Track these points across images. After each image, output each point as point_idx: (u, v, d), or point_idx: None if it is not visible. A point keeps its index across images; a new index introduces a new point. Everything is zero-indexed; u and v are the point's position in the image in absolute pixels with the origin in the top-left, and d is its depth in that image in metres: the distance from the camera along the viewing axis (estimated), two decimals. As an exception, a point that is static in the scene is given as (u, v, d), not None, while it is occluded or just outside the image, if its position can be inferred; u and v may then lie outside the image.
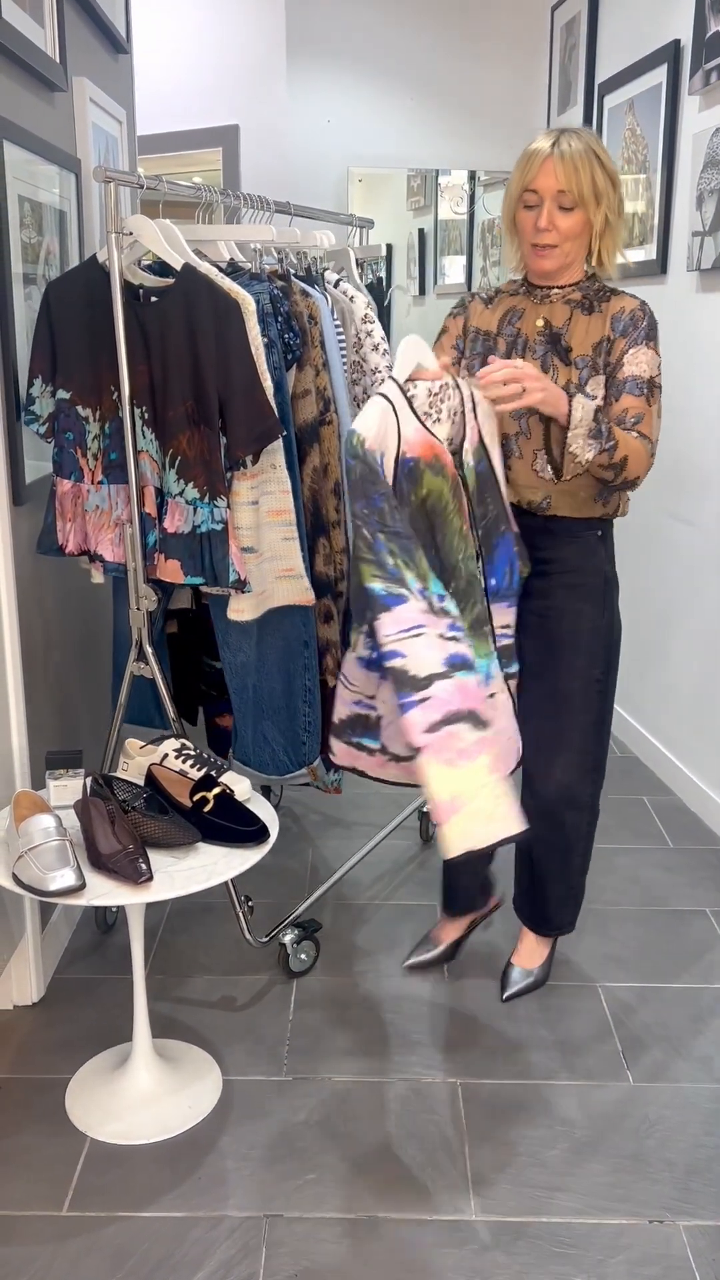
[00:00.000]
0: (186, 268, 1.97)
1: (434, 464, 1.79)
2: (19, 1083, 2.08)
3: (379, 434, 1.73)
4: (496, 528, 1.94)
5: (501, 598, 1.98)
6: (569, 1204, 1.80)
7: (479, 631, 1.90)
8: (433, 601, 1.76)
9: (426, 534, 1.82)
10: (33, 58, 2.14)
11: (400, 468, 1.77)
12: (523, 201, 1.93)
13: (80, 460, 2.11)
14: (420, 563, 1.75)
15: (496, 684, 1.94)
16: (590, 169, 1.87)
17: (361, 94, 4.39)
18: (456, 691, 1.73)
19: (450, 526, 1.84)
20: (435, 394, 1.83)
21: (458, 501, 1.84)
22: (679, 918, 2.65)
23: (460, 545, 1.85)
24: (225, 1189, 1.83)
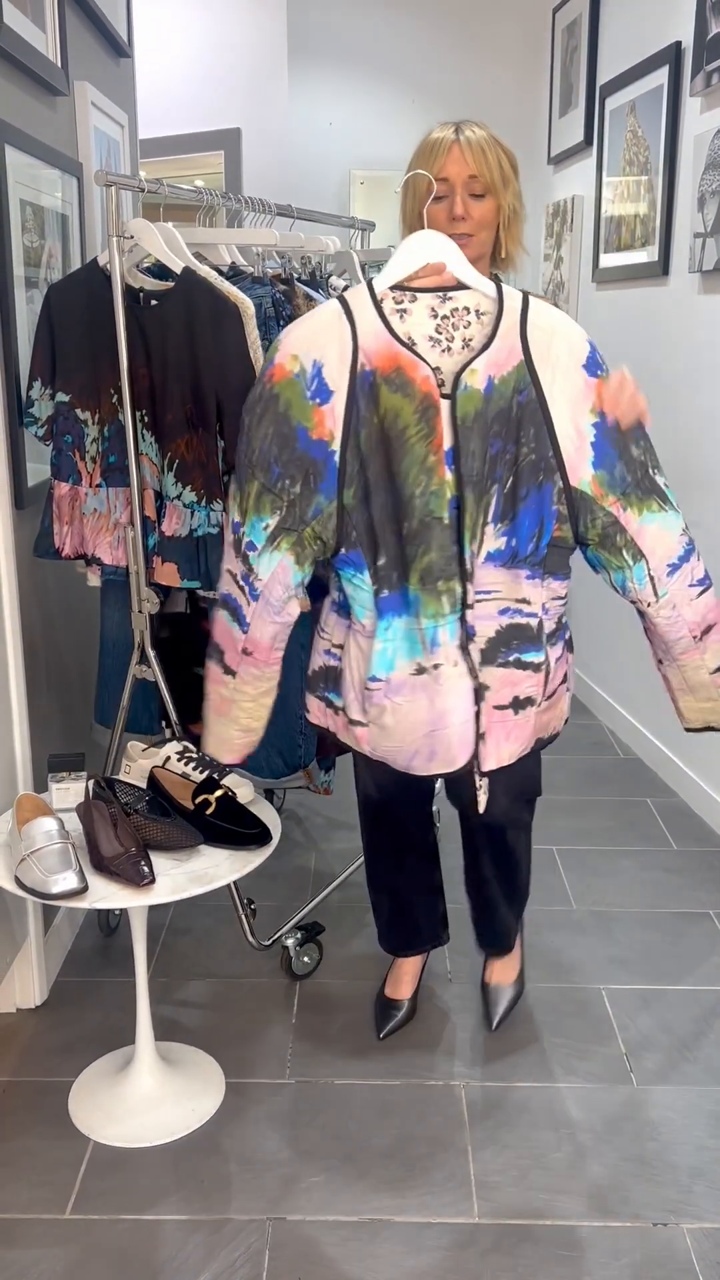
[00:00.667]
0: (186, 271, 1.97)
1: (394, 378, 1.58)
2: (22, 1086, 2.08)
3: (307, 340, 1.59)
4: (533, 476, 1.64)
5: (520, 564, 1.69)
6: (572, 1207, 1.80)
7: (429, 586, 1.65)
8: (241, 541, 1.69)
9: (383, 462, 1.62)
10: (34, 62, 2.15)
11: (358, 382, 1.59)
12: (431, 194, 1.79)
13: (78, 463, 2.11)
14: (249, 497, 1.65)
15: (441, 654, 1.69)
16: (496, 153, 1.78)
17: (363, 97, 4.40)
18: (217, 623, 1.76)
19: (410, 454, 1.61)
20: (448, 318, 1.63)
21: (426, 426, 1.59)
22: (683, 920, 2.65)
23: (420, 478, 1.61)
24: (228, 1192, 1.83)
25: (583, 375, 1.64)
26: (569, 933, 2.59)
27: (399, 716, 1.72)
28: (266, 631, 1.75)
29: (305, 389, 1.59)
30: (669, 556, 1.71)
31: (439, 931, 2.25)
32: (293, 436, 1.61)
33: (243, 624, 1.73)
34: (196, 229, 2.30)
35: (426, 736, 1.73)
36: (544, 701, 1.79)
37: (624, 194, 3.56)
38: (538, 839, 2.99)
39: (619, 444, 1.65)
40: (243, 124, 4.41)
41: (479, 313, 1.64)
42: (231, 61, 4.38)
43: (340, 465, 1.62)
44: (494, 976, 2.28)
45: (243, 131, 4.42)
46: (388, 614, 1.69)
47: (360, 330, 1.58)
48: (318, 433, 1.61)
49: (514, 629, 1.71)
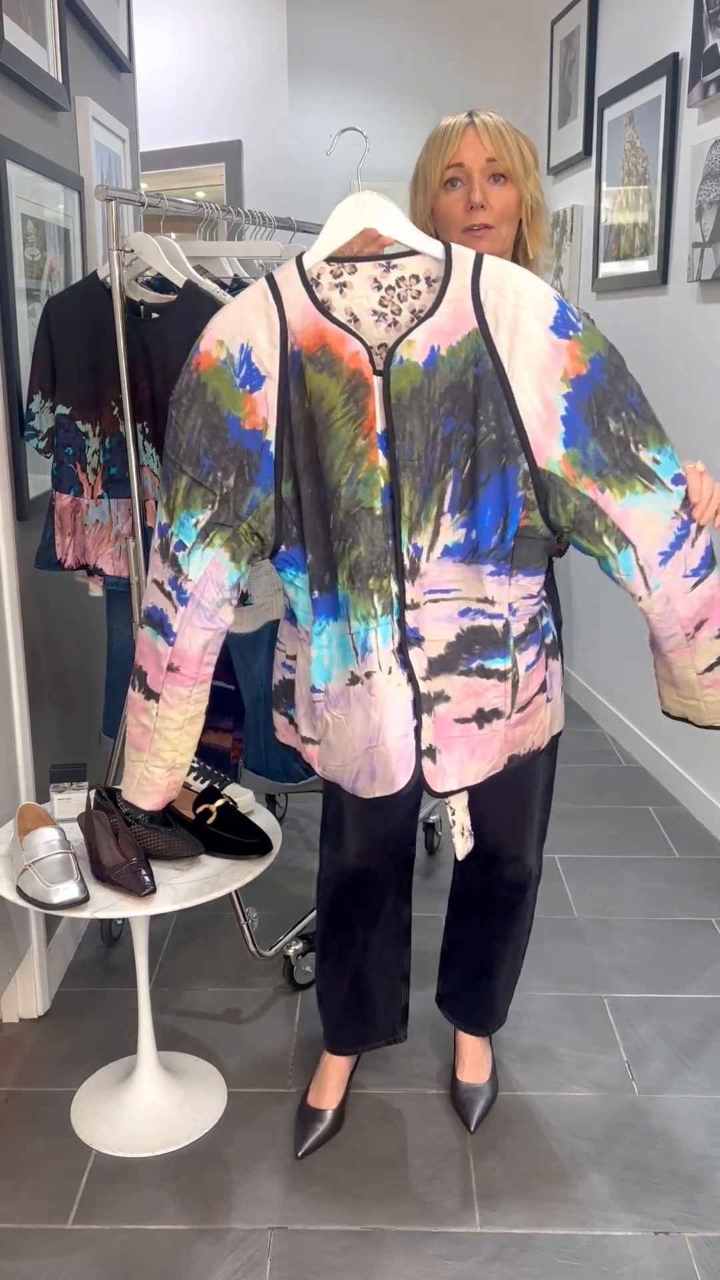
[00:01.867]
0: (188, 284, 1.98)
1: (319, 356, 1.39)
2: (24, 1096, 2.08)
3: (233, 324, 1.43)
4: (495, 459, 1.41)
5: (482, 559, 1.46)
6: (574, 1216, 1.80)
7: (358, 585, 1.45)
8: (169, 543, 1.51)
9: (311, 450, 1.44)
10: (35, 78, 2.16)
11: (289, 365, 1.42)
12: (444, 182, 1.63)
13: (80, 475, 2.12)
14: (177, 494, 1.48)
15: (372, 660, 1.48)
16: (515, 138, 1.62)
17: (363, 108, 4.42)
18: (140, 642, 1.59)
19: (335, 439, 1.41)
20: (393, 288, 1.44)
21: (355, 407, 1.39)
22: (685, 928, 2.65)
23: (346, 465, 1.41)
24: (230, 1201, 1.83)
25: (549, 339, 1.39)
26: (571, 941, 2.59)
27: (339, 731, 1.55)
28: (196, 640, 1.54)
29: (234, 376, 1.43)
30: (659, 544, 1.48)
31: (397, 1027, 2.01)
32: (223, 427, 1.44)
33: (169, 634, 1.54)
34: (198, 242, 2.32)
35: (365, 754, 1.54)
36: (514, 714, 1.57)
37: (623, 204, 3.58)
38: (539, 847, 3.00)
39: (594, 417, 1.41)
40: (243, 136, 4.44)
41: (429, 280, 1.44)
42: (232, 74, 4.40)
43: (276, 456, 1.45)
44: (466, 1074, 2.05)
45: (243, 144, 4.44)
46: (322, 617, 1.51)
47: (288, 309, 1.41)
48: (250, 422, 1.44)
49: (476, 632, 1.50)
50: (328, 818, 1.86)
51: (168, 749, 1.62)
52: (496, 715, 1.54)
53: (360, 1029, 1.98)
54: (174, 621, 1.53)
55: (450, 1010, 2.06)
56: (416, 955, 2.19)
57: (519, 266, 1.42)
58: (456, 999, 2.05)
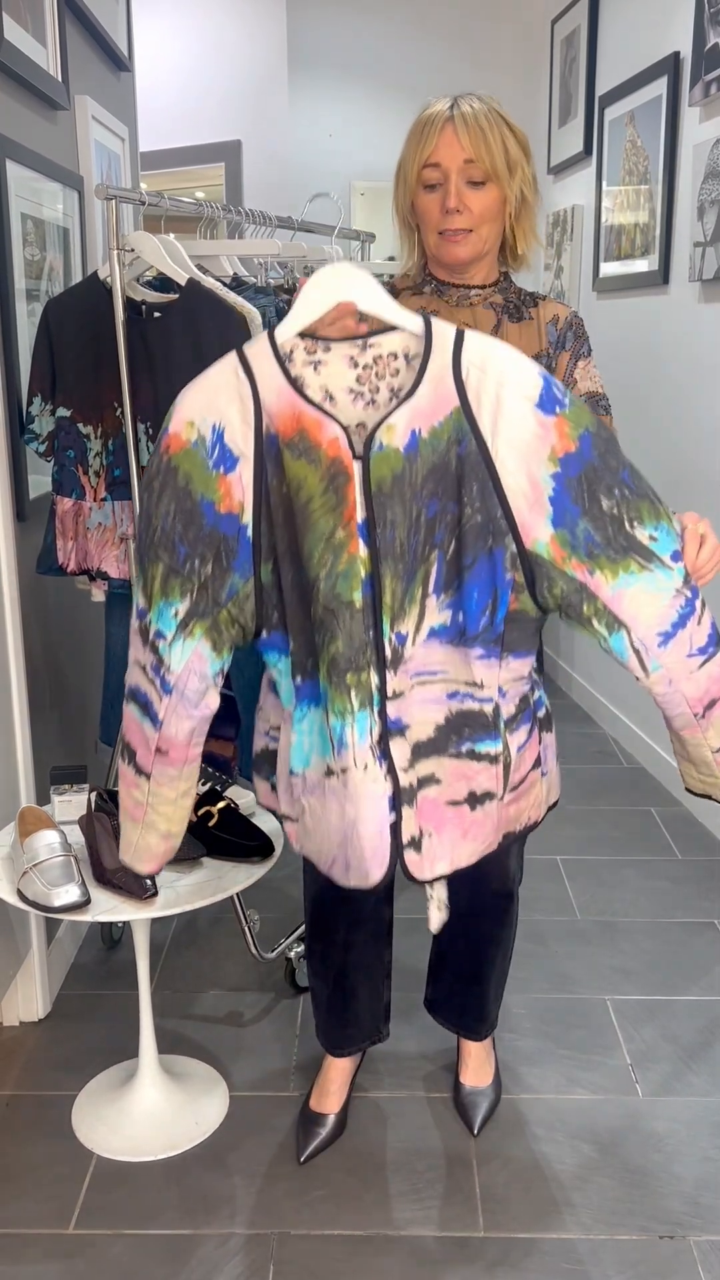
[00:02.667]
0: (191, 282, 1.98)
1: (297, 443, 1.33)
2: (24, 1099, 2.07)
3: (204, 404, 1.36)
4: (481, 540, 1.36)
5: (470, 642, 1.41)
6: (578, 1219, 1.79)
7: (335, 680, 1.39)
8: (148, 629, 1.45)
9: (290, 535, 1.38)
10: (35, 77, 2.15)
11: (264, 447, 1.36)
12: (422, 181, 1.58)
13: (82, 478, 2.11)
14: (154, 580, 1.42)
15: (348, 756, 1.42)
16: (500, 133, 1.54)
17: (363, 108, 4.41)
18: (127, 717, 1.54)
19: (315, 530, 1.35)
20: (370, 366, 1.38)
21: (335, 497, 1.33)
22: (688, 930, 2.64)
23: (325, 557, 1.35)
24: (232, 1206, 1.82)
25: (536, 416, 1.32)
26: (573, 942, 2.58)
27: (314, 819, 1.51)
28: (182, 728, 1.49)
29: (206, 458, 1.36)
30: (659, 624, 1.39)
31: (380, 1025, 2.01)
32: (197, 512, 1.38)
33: (155, 720, 1.49)
34: (198, 241, 2.31)
35: (339, 845, 1.50)
36: (508, 794, 1.51)
37: (624, 203, 3.57)
38: (542, 849, 2.99)
39: (585, 497, 1.34)
40: (243, 136, 4.43)
41: (408, 356, 1.37)
42: (232, 74, 4.40)
43: (254, 539, 1.39)
44: (469, 1077, 2.05)
45: (243, 144, 4.44)
46: (304, 703, 1.47)
47: (261, 387, 1.34)
48: (225, 505, 1.37)
49: (464, 715, 1.44)
50: None
51: (162, 822, 1.59)
52: (489, 797, 1.49)
53: (344, 1029, 1.97)
54: (159, 709, 1.48)
55: (444, 1016, 2.06)
56: (414, 955, 2.19)
57: (501, 341, 1.35)
58: (448, 1005, 2.04)
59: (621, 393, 3.41)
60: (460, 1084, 2.05)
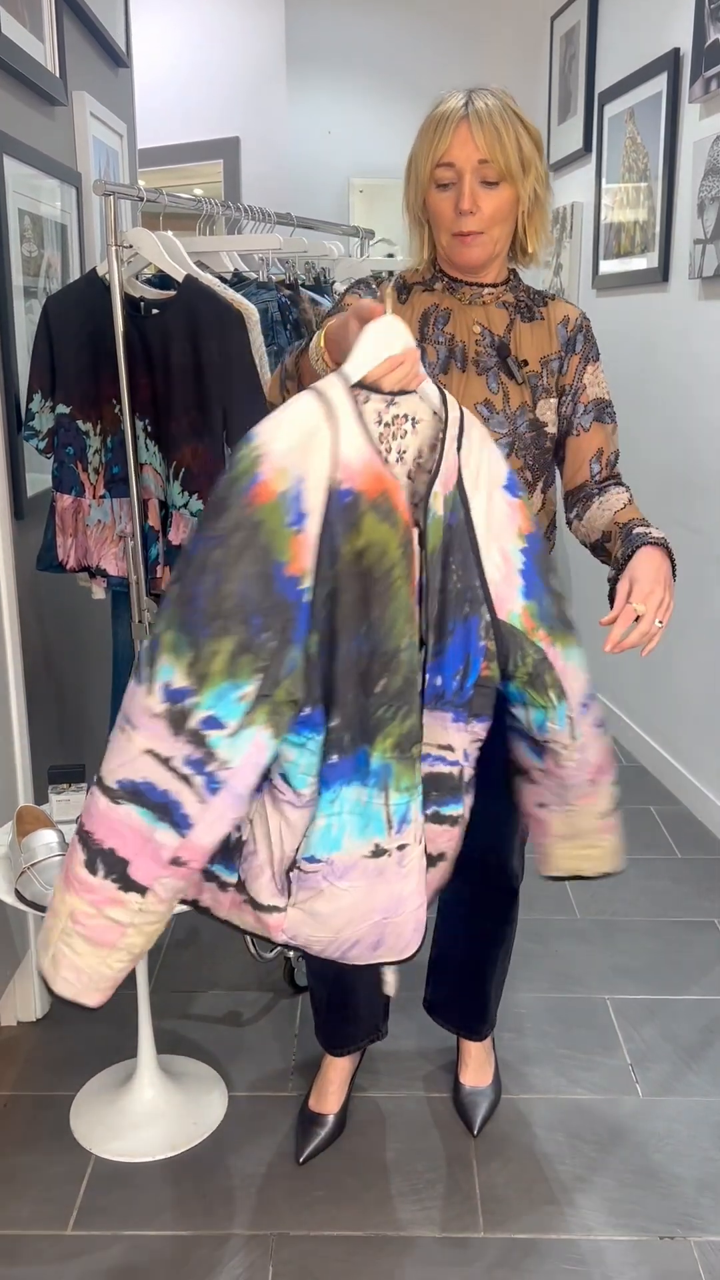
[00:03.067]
0: (188, 279, 1.97)
1: (381, 505, 1.25)
2: (23, 1100, 2.06)
3: (296, 449, 1.23)
4: (459, 607, 1.36)
5: (445, 706, 1.40)
6: (578, 1220, 1.78)
7: (404, 755, 1.34)
8: (188, 714, 1.23)
9: (357, 605, 1.27)
10: (33, 72, 2.14)
11: (332, 502, 1.24)
12: (435, 180, 1.54)
13: (81, 475, 2.11)
14: (216, 657, 1.21)
15: (410, 832, 1.38)
16: (514, 132, 1.51)
17: (362, 104, 4.40)
18: (107, 820, 1.29)
19: (396, 599, 1.28)
20: (389, 425, 1.34)
21: (407, 564, 1.28)
22: (687, 929, 2.63)
23: (406, 628, 1.29)
24: (231, 1207, 1.81)
25: (505, 498, 1.39)
26: (573, 942, 2.58)
27: (340, 904, 1.38)
28: (220, 833, 1.30)
29: (286, 513, 1.22)
30: (582, 695, 1.48)
31: (379, 1023, 2.00)
32: (270, 575, 1.22)
33: (181, 825, 1.27)
34: (197, 238, 2.30)
35: (375, 925, 1.41)
36: (455, 856, 1.52)
37: (623, 200, 3.56)
38: (541, 848, 2.98)
39: (543, 574, 1.42)
40: (241, 133, 4.42)
41: (415, 420, 1.35)
42: (230, 70, 4.38)
43: (311, 606, 1.25)
44: (469, 1077, 2.04)
45: (241, 140, 4.43)
46: (336, 783, 1.33)
47: (342, 438, 1.24)
48: (292, 568, 1.23)
49: (434, 779, 1.44)
50: None
51: (141, 944, 1.36)
52: (441, 859, 1.49)
53: (344, 1026, 1.96)
54: (193, 812, 1.26)
55: (444, 1017, 2.05)
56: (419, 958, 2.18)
57: (483, 427, 1.39)
58: (449, 1005, 2.04)
59: (621, 391, 3.40)
60: (460, 1084, 2.05)
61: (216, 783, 1.26)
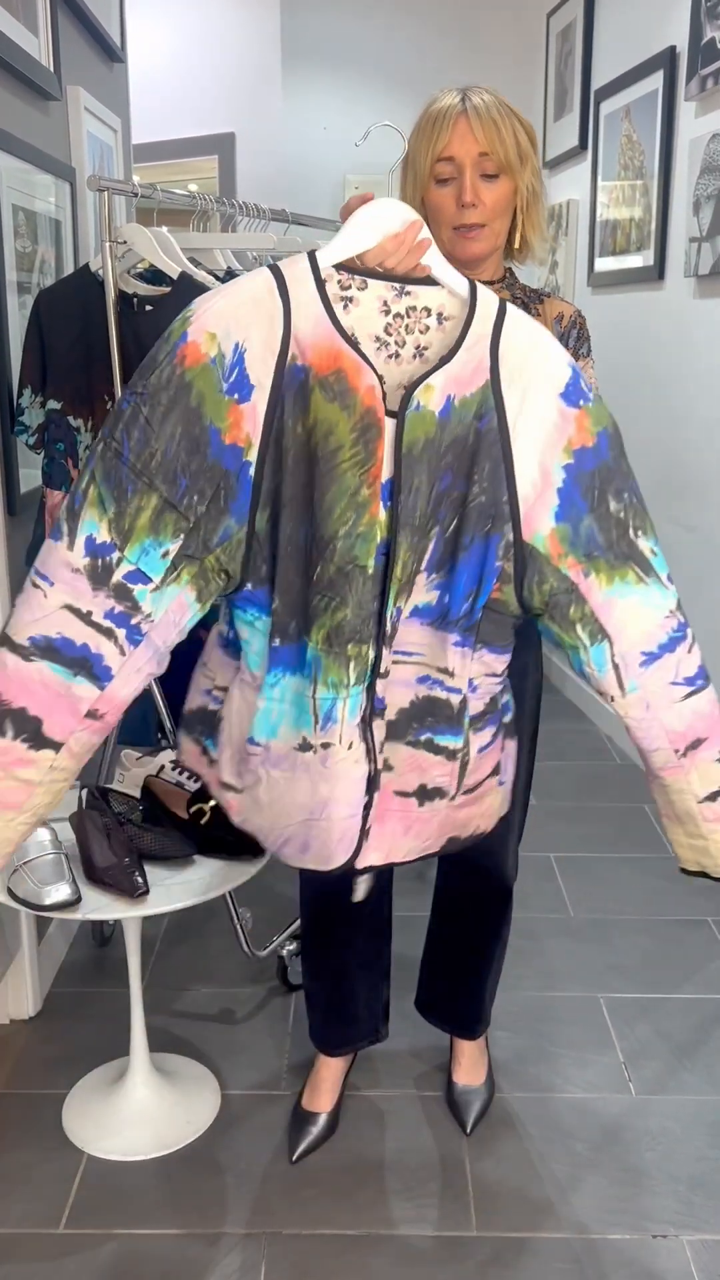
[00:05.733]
0: (183, 276, 1.96)
1: (331, 382, 1.22)
2: (15, 1098, 2.06)
3: (229, 315, 1.22)
4: (480, 523, 1.29)
5: (449, 627, 1.33)
6: (571, 1218, 1.78)
7: (335, 650, 1.30)
8: (113, 569, 1.25)
9: (302, 484, 1.26)
10: (27, 67, 2.13)
11: (286, 378, 1.23)
12: (435, 175, 1.54)
13: (72, 471, 2.10)
14: (141, 513, 1.23)
15: (334, 732, 1.33)
16: (511, 125, 1.52)
17: (357, 100, 4.39)
18: (15, 679, 1.27)
19: (339, 483, 1.24)
20: (401, 316, 1.29)
21: (364, 450, 1.24)
22: (681, 927, 2.64)
23: (347, 514, 1.25)
24: (224, 1205, 1.81)
25: (559, 406, 1.28)
26: (567, 940, 2.57)
27: (274, 793, 1.39)
28: (135, 685, 1.30)
29: (222, 379, 1.22)
30: (645, 642, 1.33)
31: (379, 1025, 1.98)
32: (204, 440, 1.23)
33: (101, 677, 1.27)
34: (191, 234, 2.30)
35: (302, 824, 1.40)
36: (460, 795, 1.43)
37: (619, 198, 3.56)
38: (535, 846, 2.98)
39: (594, 494, 1.30)
40: (237, 129, 4.41)
41: (441, 316, 1.29)
42: (225, 66, 4.37)
43: (255, 481, 1.26)
44: (462, 1076, 2.02)
45: (237, 136, 4.42)
46: (277, 668, 1.34)
47: (295, 313, 1.22)
48: (231, 437, 1.24)
49: (430, 703, 1.36)
50: None
51: (47, 803, 1.33)
52: (439, 794, 1.41)
53: (343, 1029, 1.95)
54: (113, 663, 1.27)
55: (438, 1017, 2.05)
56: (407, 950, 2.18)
57: (539, 324, 1.31)
58: (443, 1005, 2.03)
59: (616, 388, 3.39)
60: (453, 1082, 2.04)
61: (139, 634, 1.27)
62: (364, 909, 1.85)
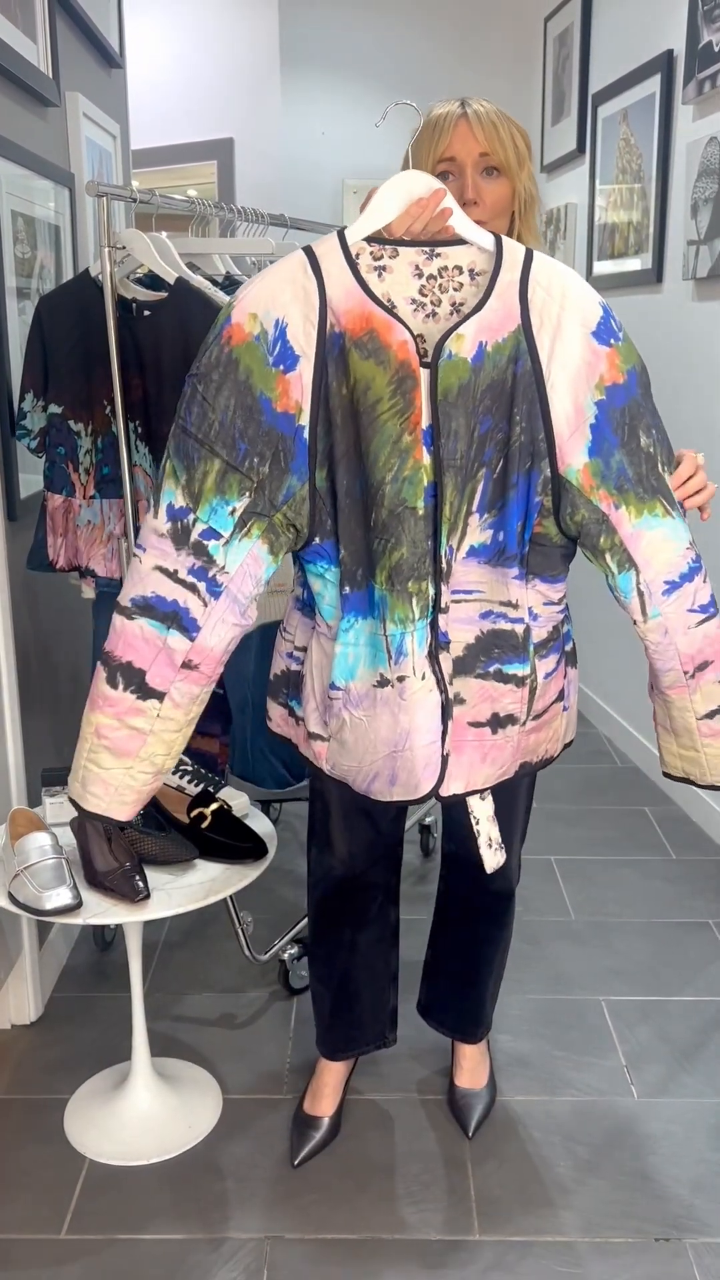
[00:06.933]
0: (180, 281, 1.96)
1: (366, 342, 1.34)
2: (16, 1103, 2.05)
3: (268, 297, 1.36)
4: (523, 461, 1.39)
5: (508, 561, 1.44)
6: (573, 1222, 1.78)
7: (397, 588, 1.41)
8: (190, 529, 1.40)
9: (352, 440, 1.38)
10: (25, 73, 2.14)
11: (327, 346, 1.35)
12: (437, 174, 1.58)
13: (72, 475, 2.10)
14: (208, 476, 1.39)
15: (407, 665, 1.45)
16: (509, 128, 1.57)
17: (355, 105, 4.40)
18: (122, 636, 1.45)
19: (381, 433, 1.35)
20: (435, 278, 1.39)
21: (402, 400, 1.35)
22: (682, 930, 2.63)
23: (392, 461, 1.36)
24: (226, 1210, 1.81)
25: (590, 344, 1.36)
26: (567, 943, 2.57)
27: (358, 732, 1.50)
28: (225, 636, 1.45)
29: (267, 354, 1.35)
30: (668, 572, 1.44)
31: (386, 1031, 1.98)
32: (257, 408, 1.37)
33: (190, 629, 1.43)
34: (190, 239, 2.30)
35: (388, 757, 1.49)
36: (529, 720, 1.53)
37: (617, 201, 3.57)
38: (536, 849, 2.98)
39: (625, 429, 1.38)
40: (235, 134, 4.42)
41: (474, 272, 1.39)
42: (224, 71, 4.38)
43: (310, 442, 1.38)
44: (463, 1079, 2.02)
45: (235, 141, 4.42)
46: (350, 614, 1.46)
47: (329, 286, 1.34)
48: (282, 404, 1.37)
49: (495, 635, 1.47)
50: (315, 821, 1.82)
51: (162, 752, 1.50)
52: (511, 721, 1.51)
53: (349, 1032, 1.94)
54: (199, 615, 1.42)
55: (438, 1020, 2.04)
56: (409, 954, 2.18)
57: (567, 266, 1.40)
58: (444, 1009, 2.03)
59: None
60: (455, 1086, 2.04)
61: (218, 586, 1.42)
62: (371, 911, 1.87)
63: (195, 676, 1.46)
